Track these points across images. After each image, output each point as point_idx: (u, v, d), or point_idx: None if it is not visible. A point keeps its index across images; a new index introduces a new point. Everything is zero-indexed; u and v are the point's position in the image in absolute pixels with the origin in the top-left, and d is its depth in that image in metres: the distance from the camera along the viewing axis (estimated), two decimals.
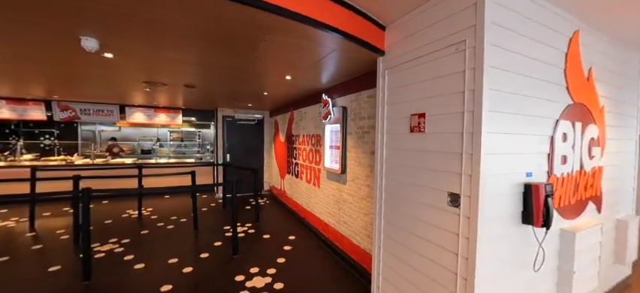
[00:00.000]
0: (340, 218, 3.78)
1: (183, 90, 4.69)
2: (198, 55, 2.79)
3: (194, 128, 9.85)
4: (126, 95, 5.60)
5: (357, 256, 3.39)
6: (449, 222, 1.89)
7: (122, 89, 4.89)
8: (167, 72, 3.46)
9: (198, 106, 7.15)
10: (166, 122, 7.38)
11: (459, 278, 1.81)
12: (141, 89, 4.73)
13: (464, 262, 1.78)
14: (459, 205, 1.82)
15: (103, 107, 6.69)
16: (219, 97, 5.50)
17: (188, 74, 3.51)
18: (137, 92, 5.14)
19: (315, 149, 4.60)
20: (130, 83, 4.29)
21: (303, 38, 2.35)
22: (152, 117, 7.20)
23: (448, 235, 1.90)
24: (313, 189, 4.68)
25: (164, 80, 3.96)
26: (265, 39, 2.31)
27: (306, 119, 5.04)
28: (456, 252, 1.84)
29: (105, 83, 4.28)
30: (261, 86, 4.17)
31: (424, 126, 2.09)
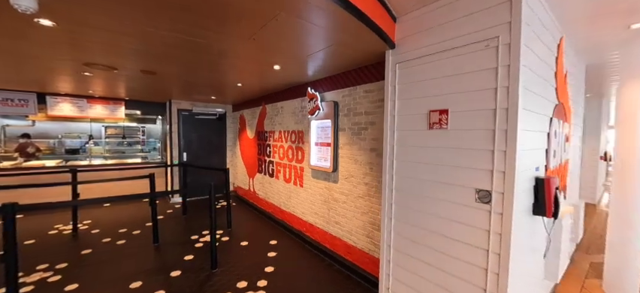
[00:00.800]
0: (330, 218, 3.61)
1: (132, 77, 3.88)
2: (170, 30, 2.25)
3: (136, 122, 8.51)
4: (49, 81, 4.42)
5: (352, 257, 3.27)
6: (477, 218, 1.88)
7: (45, 73, 3.81)
8: (121, 52, 2.77)
9: (146, 97, 6.13)
10: (103, 115, 6.14)
11: (490, 273, 1.82)
12: (75, 73, 3.76)
13: (495, 257, 1.79)
14: (489, 201, 1.82)
15: (13, 95, 5.21)
16: (175, 87, 4.74)
17: (146, 56, 2.86)
18: (67, 77, 4.09)
19: (296, 146, 4.32)
20: (61, 65, 3.35)
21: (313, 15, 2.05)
22: (84, 109, 5.90)
23: (475, 231, 1.89)
24: (294, 189, 4.40)
25: (114, 63, 3.19)
26: (277, 18, 1.98)
27: (283, 114, 4.70)
28: (485, 247, 1.84)
29: (20, 62, 3.25)
30: (237, 75, 3.71)
31: (446, 122, 2.05)
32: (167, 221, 5.10)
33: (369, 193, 3.02)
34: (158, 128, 9.10)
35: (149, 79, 3.91)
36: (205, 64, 3.15)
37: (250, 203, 6.07)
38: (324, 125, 3.62)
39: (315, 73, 3.48)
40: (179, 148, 6.39)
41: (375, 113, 2.94)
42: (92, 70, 3.49)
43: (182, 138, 6.41)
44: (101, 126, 7.97)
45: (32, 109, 5.40)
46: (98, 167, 5.97)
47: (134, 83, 4.37)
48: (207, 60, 2.99)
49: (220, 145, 7.09)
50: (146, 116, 8.26)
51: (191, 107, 6.51)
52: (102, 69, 3.41)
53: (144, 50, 2.71)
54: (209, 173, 6.52)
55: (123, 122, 7.88)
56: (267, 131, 5.28)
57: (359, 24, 2.02)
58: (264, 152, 5.40)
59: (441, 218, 2.10)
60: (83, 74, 3.78)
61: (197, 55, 2.83)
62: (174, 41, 2.45)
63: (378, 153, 2.92)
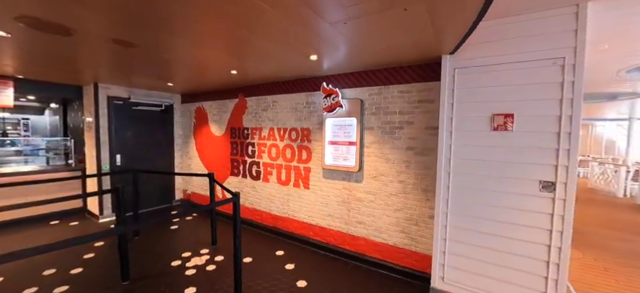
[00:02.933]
0: (351, 219, 3.53)
1: (28, 40, 2.55)
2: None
3: (13, 113, 5.93)
4: None
5: (382, 255, 3.32)
6: (541, 205, 2.26)
7: None
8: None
9: (52, 76, 4.31)
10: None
11: (553, 248, 2.24)
12: None
13: (558, 235, 2.22)
14: (554, 190, 2.23)
15: None
16: (105, 63, 3.40)
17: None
18: None
19: (299, 145, 3.99)
20: None
21: None
22: None
23: (538, 215, 2.27)
24: (295, 192, 4.07)
25: (67, 22, 2.09)
26: (406, 8, 1.78)
27: (276, 109, 4.24)
28: (548, 228, 2.25)
29: None
30: (231, 60, 3.05)
31: (511, 125, 2.37)
32: (113, 248, 3.83)
33: (405, 190, 3.14)
34: (46, 121, 6.62)
35: (60, 45, 2.62)
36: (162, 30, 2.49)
37: (217, 211, 5.21)
38: (345, 123, 3.50)
39: (331, 67, 3.30)
40: (111, 148, 4.84)
41: (413, 113, 3.06)
42: (25, 22, 2.24)
43: (114, 135, 4.86)
44: None
45: None
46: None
47: (32, 50, 2.92)
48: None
49: (166, 144, 5.75)
50: (36, 104, 5.90)
51: (127, 94, 5.01)
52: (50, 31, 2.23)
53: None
54: (150, 180, 5.23)
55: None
56: (247, 128, 4.64)
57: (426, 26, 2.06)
58: (242, 151, 4.73)
59: (502, 207, 2.42)
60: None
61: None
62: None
63: (416, 152, 3.06)
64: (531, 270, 2.32)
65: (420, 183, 3.04)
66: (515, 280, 2.39)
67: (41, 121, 6.55)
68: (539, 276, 2.29)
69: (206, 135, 5.39)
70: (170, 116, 5.75)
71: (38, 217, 4.72)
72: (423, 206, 3.03)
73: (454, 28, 2.14)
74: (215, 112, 5.21)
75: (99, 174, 4.25)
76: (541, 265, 2.28)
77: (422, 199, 3.04)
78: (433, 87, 2.94)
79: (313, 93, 3.82)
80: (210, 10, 1.85)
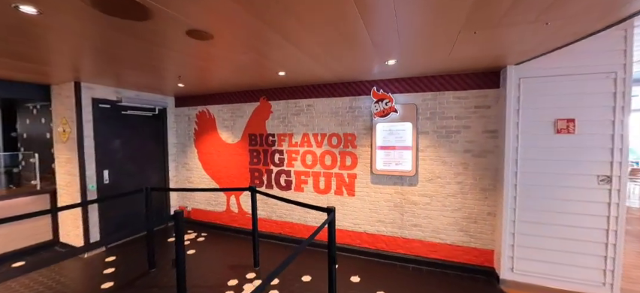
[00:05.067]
0: (405, 222, 3.57)
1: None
2: None
3: None
4: None
5: (439, 254, 3.44)
6: (598, 196, 2.67)
7: None
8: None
9: (10, 71, 3.24)
10: None
11: (610, 232, 2.66)
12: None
13: (614, 220, 2.65)
14: (610, 182, 2.66)
15: None
16: (89, 54, 2.62)
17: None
18: None
19: (341, 150, 3.85)
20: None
21: None
22: None
23: (596, 205, 2.68)
24: (337, 200, 3.90)
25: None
26: (475, 31, 1.90)
27: (311, 114, 4.02)
28: (605, 214, 2.67)
29: None
30: (286, 60, 2.83)
31: (573, 129, 2.74)
32: (130, 279, 3.11)
33: (463, 191, 3.32)
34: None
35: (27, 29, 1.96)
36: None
37: (231, 228, 4.67)
38: (398, 127, 3.52)
39: (381, 72, 3.32)
40: (98, 163, 3.89)
41: (470, 118, 3.27)
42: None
43: (99, 146, 3.93)
44: None
45: None
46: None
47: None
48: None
49: (159, 154, 4.89)
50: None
51: (116, 96, 4.11)
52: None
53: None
54: (138, 198, 4.39)
55: None
56: (273, 134, 4.28)
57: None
58: (266, 160, 4.34)
59: (566, 200, 2.77)
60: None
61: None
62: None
63: (474, 154, 3.26)
64: (592, 252, 2.71)
65: (478, 183, 3.26)
66: (579, 262, 2.76)
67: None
68: (599, 256, 2.69)
69: (213, 143, 4.77)
70: (163, 121, 4.92)
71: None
72: (482, 204, 3.26)
73: (527, 52, 2.40)
74: (226, 117, 4.66)
75: (82, 202, 3.37)
76: (601, 247, 2.69)
77: (480, 198, 3.26)
78: (488, 94, 3.18)
79: (358, 97, 3.75)
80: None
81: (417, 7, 1.63)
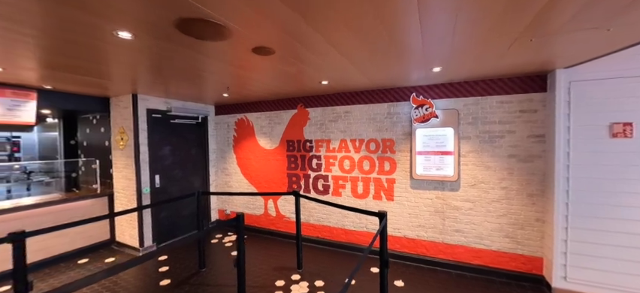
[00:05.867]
0: (447, 228, 3.56)
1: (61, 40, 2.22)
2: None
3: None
4: None
5: (484, 260, 3.40)
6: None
7: None
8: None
9: (77, 86, 3.59)
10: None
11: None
12: None
13: None
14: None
15: None
16: (145, 72, 2.93)
17: None
18: None
19: (379, 156, 3.91)
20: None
21: None
22: None
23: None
24: (376, 205, 3.94)
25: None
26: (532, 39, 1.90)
27: (349, 120, 4.12)
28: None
29: None
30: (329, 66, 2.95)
31: (631, 132, 2.65)
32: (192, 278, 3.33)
33: (508, 196, 3.28)
34: (33, 140, 5.57)
35: (98, 54, 2.26)
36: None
37: (269, 231, 4.84)
38: (438, 133, 3.54)
39: (421, 78, 3.35)
40: (151, 168, 4.21)
41: (514, 123, 3.23)
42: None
43: (151, 153, 4.25)
44: None
45: None
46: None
47: (50, 57, 2.49)
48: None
49: (202, 160, 5.19)
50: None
51: (166, 106, 4.43)
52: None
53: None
54: (185, 202, 4.66)
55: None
56: (310, 140, 4.42)
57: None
58: (304, 165, 4.48)
59: (623, 206, 2.67)
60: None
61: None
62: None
63: (519, 159, 3.22)
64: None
65: (524, 189, 3.21)
66: (637, 271, 2.64)
67: (29, 139, 5.41)
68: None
69: (251, 149, 4.99)
70: (204, 129, 5.22)
71: (60, 257, 3.88)
72: (529, 210, 3.20)
73: (578, 56, 2.37)
74: (264, 124, 4.87)
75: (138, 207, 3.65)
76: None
77: (527, 203, 3.20)
78: (534, 98, 3.14)
79: (396, 103, 3.80)
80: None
81: (479, 15, 1.69)
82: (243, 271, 2.47)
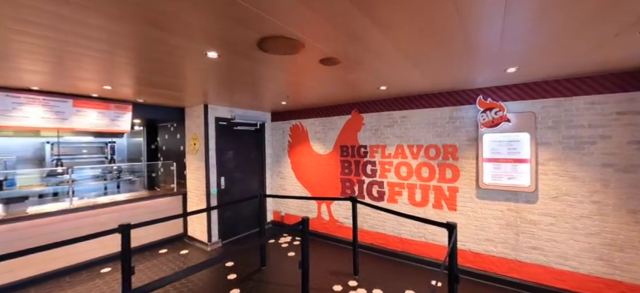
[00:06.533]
0: (521, 244, 3.22)
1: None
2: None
3: (93, 137, 5.81)
4: (3, 64, 2.32)
5: (569, 284, 2.97)
6: None
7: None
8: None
9: (161, 99, 4.12)
10: (96, 126, 3.81)
11: None
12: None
13: None
14: None
15: None
16: (214, 85, 3.20)
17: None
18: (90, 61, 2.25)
19: (440, 162, 3.72)
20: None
21: None
22: (66, 117, 3.50)
23: None
24: (436, 214, 3.76)
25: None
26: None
27: (406, 125, 4.01)
28: None
29: None
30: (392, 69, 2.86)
31: None
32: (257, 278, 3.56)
33: (602, 212, 2.83)
34: (123, 144, 6.50)
35: (174, 69, 2.48)
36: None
37: (322, 234, 4.93)
38: (510, 138, 3.23)
39: (488, 80, 3.08)
40: (217, 170, 4.64)
41: (610, 126, 2.78)
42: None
43: (218, 157, 4.67)
44: (45, 143, 5.05)
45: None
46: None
47: (144, 75, 2.79)
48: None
49: (259, 164, 5.54)
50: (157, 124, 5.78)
51: (230, 114, 4.85)
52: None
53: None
54: (243, 203, 4.96)
55: (66, 136, 5.27)
56: (365, 146, 4.40)
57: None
58: (358, 171, 4.48)
59: None
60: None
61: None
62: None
63: (617, 169, 2.76)
64: None
65: (624, 204, 2.73)
66: None
67: (120, 144, 6.41)
68: None
69: (305, 154, 5.16)
70: (261, 135, 5.56)
71: (146, 246, 4.49)
72: (631, 230, 2.71)
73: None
74: (318, 129, 5.00)
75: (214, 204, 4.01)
76: None
77: (629, 222, 2.72)
78: (636, 97, 2.67)
79: (459, 107, 3.58)
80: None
81: (577, 6, 1.50)
82: (307, 273, 2.55)
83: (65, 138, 5.28)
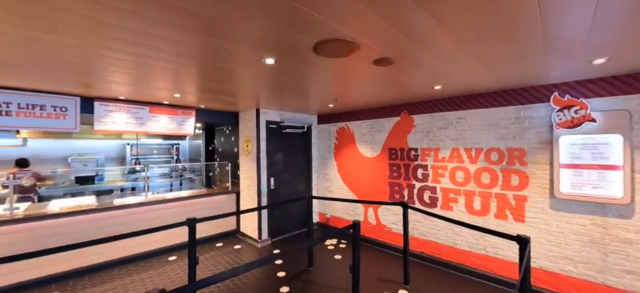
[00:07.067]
0: (612, 265, 2.72)
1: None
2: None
3: (162, 139, 6.54)
4: (96, 78, 2.72)
5: None
6: None
7: (93, 66, 2.26)
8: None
9: (222, 104, 4.47)
10: (167, 129, 4.31)
11: None
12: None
13: None
14: None
15: (46, 99, 3.22)
16: (266, 89, 3.33)
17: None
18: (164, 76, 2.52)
19: (505, 168, 3.36)
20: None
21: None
22: (144, 122, 4.04)
23: None
24: (499, 225, 3.41)
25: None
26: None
27: (462, 127, 3.72)
28: None
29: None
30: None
31: None
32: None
33: None
34: (185, 146, 7.19)
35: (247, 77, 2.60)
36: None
37: (369, 239, 4.82)
38: (598, 141, 2.77)
39: (564, 75, 2.65)
40: (268, 171, 4.86)
41: None
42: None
43: (268, 158, 4.89)
44: (126, 144, 5.87)
45: (71, 121, 3.43)
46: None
47: (203, 83, 2.97)
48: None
49: (306, 166, 5.68)
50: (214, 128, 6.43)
51: (280, 117, 5.05)
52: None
53: None
54: (291, 203, 5.07)
55: (142, 138, 5.95)
56: (415, 149, 4.20)
57: None
58: (408, 174, 4.28)
59: None
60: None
61: None
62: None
63: None
64: None
65: None
66: None
67: (183, 145, 7.15)
68: None
69: (352, 157, 5.12)
70: (308, 137, 5.69)
71: (204, 239, 4.89)
72: None
73: None
74: (365, 132, 4.92)
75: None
76: None
77: None
78: None
79: (528, 106, 3.19)
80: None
81: None
82: (357, 278, 2.51)
83: (141, 140, 6.07)
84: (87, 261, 3.67)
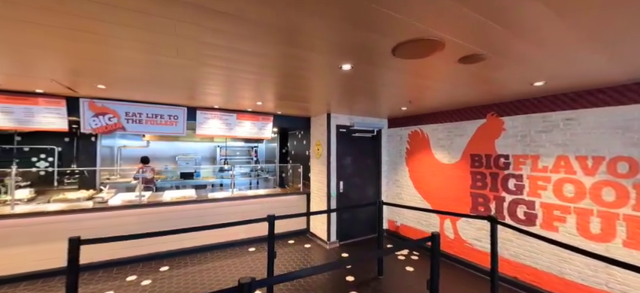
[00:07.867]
0: None
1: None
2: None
3: (244, 142, 7.31)
4: (198, 90, 3.16)
5: None
6: None
7: (198, 81, 2.56)
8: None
9: (292, 109, 4.75)
10: (249, 134, 4.86)
11: None
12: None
13: None
14: None
15: (164, 110, 4.05)
16: (337, 94, 3.35)
17: None
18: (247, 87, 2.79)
19: (639, 182, 2.63)
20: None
21: None
22: (232, 127, 4.65)
23: None
24: (628, 255, 2.68)
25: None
26: None
27: (572, 129, 3.06)
28: None
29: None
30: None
31: None
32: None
33: None
34: (262, 149, 7.86)
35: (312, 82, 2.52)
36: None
37: (445, 254, 4.40)
38: None
39: None
40: (337, 175, 4.94)
41: None
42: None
43: (338, 162, 4.96)
44: (216, 146, 6.83)
45: (181, 127, 4.20)
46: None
47: (280, 91, 3.01)
48: None
49: (375, 170, 5.57)
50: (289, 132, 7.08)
51: (350, 122, 5.09)
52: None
53: None
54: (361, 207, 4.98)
55: (229, 141, 6.70)
56: (507, 155, 3.65)
57: None
58: (495, 185, 3.75)
59: None
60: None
61: None
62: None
63: None
64: None
65: None
66: None
67: (260, 148, 7.91)
68: None
69: (426, 163, 4.78)
70: (378, 141, 5.56)
71: (278, 236, 5.26)
72: None
73: None
74: (441, 136, 4.53)
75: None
76: None
77: None
78: None
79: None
80: None
81: None
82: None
83: (229, 143, 6.95)
84: (188, 243, 4.37)
